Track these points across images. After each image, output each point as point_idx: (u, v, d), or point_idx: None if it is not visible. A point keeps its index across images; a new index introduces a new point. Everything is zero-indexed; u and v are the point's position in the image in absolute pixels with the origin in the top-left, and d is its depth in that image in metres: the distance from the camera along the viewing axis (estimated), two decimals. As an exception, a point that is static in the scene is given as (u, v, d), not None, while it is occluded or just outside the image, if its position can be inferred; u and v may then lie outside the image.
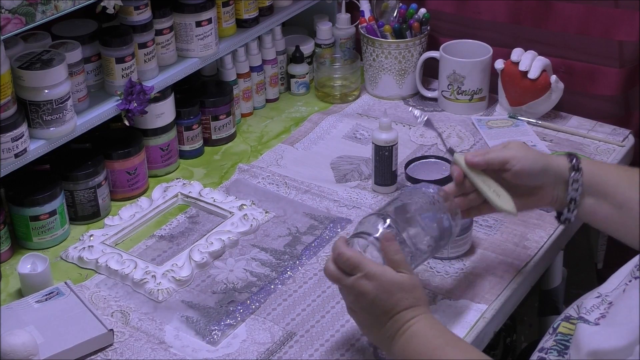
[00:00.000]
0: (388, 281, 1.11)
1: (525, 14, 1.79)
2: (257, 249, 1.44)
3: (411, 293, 1.12)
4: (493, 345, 1.69)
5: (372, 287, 1.11)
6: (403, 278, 1.12)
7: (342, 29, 1.94)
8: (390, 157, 1.53)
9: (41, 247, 1.44)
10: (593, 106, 1.78)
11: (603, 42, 1.72)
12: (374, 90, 1.89)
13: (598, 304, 1.08)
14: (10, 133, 1.32)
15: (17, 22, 1.24)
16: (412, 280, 1.13)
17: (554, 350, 1.12)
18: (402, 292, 1.11)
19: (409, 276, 1.12)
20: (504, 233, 1.45)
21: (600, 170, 1.25)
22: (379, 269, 1.11)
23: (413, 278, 1.13)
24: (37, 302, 1.29)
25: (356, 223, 1.48)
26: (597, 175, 1.24)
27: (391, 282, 1.11)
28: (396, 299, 1.11)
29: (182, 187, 1.58)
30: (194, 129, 1.68)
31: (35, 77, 1.35)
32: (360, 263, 1.12)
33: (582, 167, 1.24)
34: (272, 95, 1.88)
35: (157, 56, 1.57)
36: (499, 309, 1.31)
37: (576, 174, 1.23)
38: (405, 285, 1.12)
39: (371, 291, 1.11)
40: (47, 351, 1.20)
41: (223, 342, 1.25)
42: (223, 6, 1.67)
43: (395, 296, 1.11)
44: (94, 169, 1.49)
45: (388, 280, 1.11)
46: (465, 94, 1.78)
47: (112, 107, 1.50)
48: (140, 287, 1.35)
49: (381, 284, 1.11)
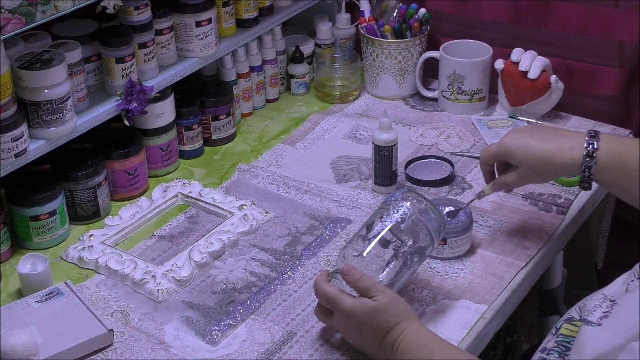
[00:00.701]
0: (364, 312, 1.15)
1: (525, 14, 1.79)
2: (257, 249, 1.44)
3: (388, 313, 1.14)
4: (493, 345, 1.69)
5: (352, 322, 1.16)
6: (376, 303, 1.14)
7: (342, 29, 1.94)
8: (390, 157, 1.53)
9: (41, 247, 1.44)
10: (593, 106, 1.78)
11: (603, 42, 1.72)
12: (374, 90, 1.89)
13: (600, 303, 1.08)
14: (10, 133, 1.32)
15: (17, 22, 1.24)
16: (384, 300, 1.15)
17: (555, 352, 1.12)
18: (379, 316, 1.14)
19: (381, 297, 1.15)
20: (504, 233, 1.45)
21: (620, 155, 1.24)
22: (352, 304, 1.15)
23: (384, 297, 1.15)
24: (37, 302, 1.29)
25: (356, 223, 1.49)
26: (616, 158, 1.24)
27: (367, 312, 1.14)
28: (377, 325, 1.14)
29: (182, 187, 1.58)
30: (194, 129, 1.68)
31: (35, 77, 1.35)
32: (334, 299, 1.17)
33: (597, 155, 1.23)
34: (272, 95, 1.88)
35: (157, 56, 1.57)
36: (499, 309, 1.31)
37: (589, 161, 1.23)
38: (379, 309, 1.14)
39: (353, 326, 1.16)
40: (47, 351, 1.20)
41: (223, 342, 1.25)
42: (223, 6, 1.66)
43: (375, 322, 1.14)
44: (94, 169, 1.49)
45: (364, 311, 1.15)
46: (465, 94, 1.78)
47: (112, 107, 1.50)
48: (140, 287, 1.35)
49: (358, 318, 1.15)
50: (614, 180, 1.24)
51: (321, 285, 1.19)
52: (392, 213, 1.23)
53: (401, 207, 1.23)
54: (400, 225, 1.21)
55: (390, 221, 1.22)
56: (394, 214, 1.22)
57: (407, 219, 1.22)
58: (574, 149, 1.25)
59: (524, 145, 1.28)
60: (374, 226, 1.22)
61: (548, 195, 1.54)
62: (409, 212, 1.22)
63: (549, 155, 1.26)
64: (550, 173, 1.30)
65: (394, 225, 1.21)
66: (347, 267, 1.18)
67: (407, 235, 1.21)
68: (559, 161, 1.26)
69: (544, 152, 1.26)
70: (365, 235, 1.22)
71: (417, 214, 1.22)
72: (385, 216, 1.23)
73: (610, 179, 1.24)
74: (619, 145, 1.24)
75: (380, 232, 1.21)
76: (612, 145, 1.24)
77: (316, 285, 1.19)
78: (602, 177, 1.24)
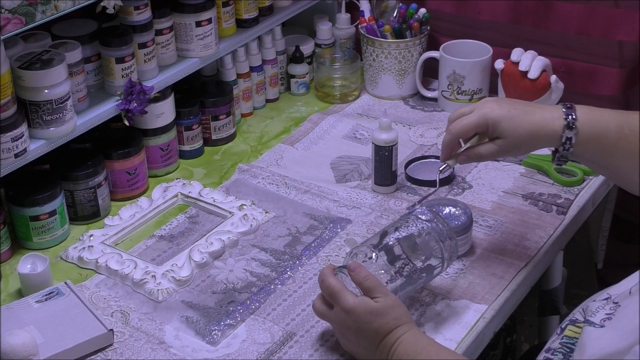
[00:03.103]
0: (364, 312, 1.14)
1: (525, 14, 1.79)
2: (257, 249, 1.44)
3: (389, 315, 1.14)
4: (493, 345, 1.69)
5: (351, 321, 1.15)
6: (378, 304, 1.14)
7: (342, 29, 1.94)
8: (390, 157, 1.53)
9: (41, 247, 1.44)
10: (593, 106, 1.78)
11: (603, 42, 1.72)
12: (374, 90, 1.89)
13: (604, 304, 1.08)
14: (10, 133, 1.32)
15: (17, 22, 1.24)
16: (387, 302, 1.14)
17: (560, 353, 1.12)
18: (380, 318, 1.14)
19: (383, 299, 1.14)
20: (504, 233, 1.45)
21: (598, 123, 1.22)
22: (354, 302, 1.15)
23: (387, 300, 1.15)
24: (37, 302, 1.29)
25: (356, 223, 1.49)
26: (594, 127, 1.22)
27: (368, 312, 1.14)
28: (377, 326, 1.14)
29: (182, 187, 1.58)
30: (194, 129, 1.68)
31: (35, 77, 1.35)
32: (337, 294, 1.16)
33: (577, 125, 1.21)
34: (272, 95, 1.88)
35: (157, 56, 1.57)
36: (499, 309, 1.31)
37: (569, 132, 1.21)
38: (380, 310, 1.14)
39: (352, 325, 1.15)
40: (47, 351, 1.20)
41: (223, 342, 1.25)
42: (223, 6, 1.67)
43: (375, 324, 1.14)
44: (94, 169, 1.49)
45: (364, 311, 1.14)
46: (465, 94, 1.78)
47: (112, 107, 1.50)
48: (140, 287, 1.35)
49: (358, 317, 1.14)
50: (593, 153, 1.22)
51: (327, 277, 1.17)
52: (411, 225, 1.22)
53: (420, 222, 1.22)
54: (417, 239, 1.21)
55: (406, 232, 1.21)
56: (412, 227, 1.22)
57: (424, 235, 1.21)
58: (555, 120, 1.21)
59: (509, 116, 1.23)
60: (391, 234, 1.22)
61: (548, 195, 1.54)
62: (428, 229, 1.21)
63: (534, 127, 1.22)
64: (532, 146, 1.25)
65: (409, 235, 1.21)
66: (355, 264, 1.17)
67: (420, 251, 1.21)
68: (543, 133, 1.22)
69: (530, 124, 1.22)
70: (378, 242, 1.22)
71: (435, 231, 1.22)
72: (403, 227, 1.22)
73: (589, 151, 1.22)
74: (596, 116, 1.22)
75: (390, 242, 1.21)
76: (590, 116, 1.22)
77: (321, 276, 1.18)
78: (582, 149, 1.21)
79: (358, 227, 1.47)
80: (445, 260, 1.23)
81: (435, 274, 1.24)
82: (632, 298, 1.03)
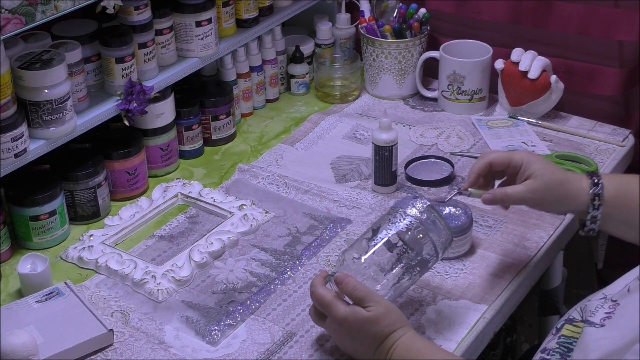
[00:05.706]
0: (357, 321, 1.14)
1: (525, 14, 1.79)
2: (257, 249, 1.44)
3: (383, 322, 1.14)
4: (493, 345, 1.69)
5: (344, 330, 1.15)
6: (370, 314, 1.14)
7: (342, 29, 1.94)
8: (390, 157, 1.53)
9: (41, 247, 1.44)
10: (593, 106, 1.78)
11: (603, 42, 1.72)
12: (374, 90, 1.89)
13: (602, 304, 1.08)
14: (10, 133, 1.32)
15: (17, 22, 1.24)
16: (379, 310, 1.14)
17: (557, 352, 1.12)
18: (374, 326, 1.14)
19: (375, 307, 1.14)
20: (504, 233, 1.45)
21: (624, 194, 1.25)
22: (345, 313, 1.14)
23: (379, 308, 1.14)
24: (37, 302, 1.29)
25: (356, 223, 1.49)
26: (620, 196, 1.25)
27: (360, 322, 1.14)
28: (372, 334, 1.14)
29: (182, 187, 1.58)
30: (194, 129, 1.68)
31: (35, 77, 1.35)
32: (328, 305, 1.16)
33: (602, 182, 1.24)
34: (272, 95, 1.88)
35: (157, 56, 1.57)
36: (499, 309, 1.31)
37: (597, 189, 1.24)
38: (373, 319, 1.14)
39: (345, 333, 1.16)
40: (47, 351, 1.20)
41: (223, 342, 1.25)
42: (223, 6, 1.66)
43: (370, 332, 1.14)
44: (93, 169, 1.49)
45: (357, 320, 1.14)
46: (465, 94, 1.78)
47: (112, 107, 1.50)
48: (140, 287, 1.35)
49: (351, 326, 1.14)
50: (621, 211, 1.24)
51: (317, 288, 1.17)
52: (399, 221, 1.20)
53: (408, 216, 1.20)
54: (405, 235, 1.20)
55: (396, 229, 1.20)
56: (400, 222, 1.20)
57: (413, 230, 1.20)
58: (582, 179, 1.25)
59: (544, 161, 1.26)
60: (380, 231, 1.21)
61: (548, 195, 1.54)
62: (416, 223, 1.20)
63: (563, 178, 1.26)
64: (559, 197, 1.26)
65: (400, 231, 1.20)
66: (341, 276, 1.16)
67: (412, 245, 1.20)
68: (570, 186, 1.25)
69: (560, 174, 1.26)
70: (370, 238, 1.20)
71: (424, 225, 1.20)
72: (392, 223, 1.21)
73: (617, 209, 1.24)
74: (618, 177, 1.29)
75: (384, 239, 1.19)
76: (613, 177, 1.27)
77: (312, 287, 1.18)
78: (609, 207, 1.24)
79: (358, 227, 1.47)
80: (438, 250, 1.21)
81: (429, 267, 1.23)
82: (631, 296, 1.03)
